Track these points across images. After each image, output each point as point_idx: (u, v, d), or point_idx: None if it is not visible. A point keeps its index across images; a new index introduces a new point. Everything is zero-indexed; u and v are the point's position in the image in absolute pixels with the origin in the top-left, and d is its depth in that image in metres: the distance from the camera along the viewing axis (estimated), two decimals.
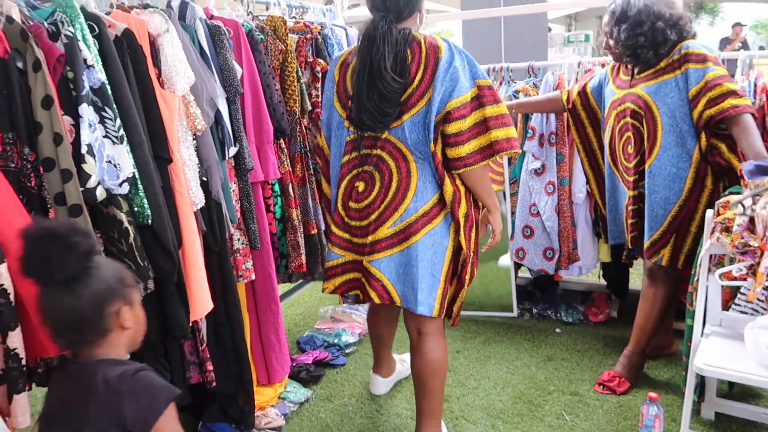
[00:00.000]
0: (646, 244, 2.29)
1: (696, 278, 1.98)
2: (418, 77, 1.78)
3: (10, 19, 1.45)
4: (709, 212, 1.96)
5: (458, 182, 1.87)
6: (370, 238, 1.89)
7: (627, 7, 2.22)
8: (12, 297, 1.41)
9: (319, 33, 2.67)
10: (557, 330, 3.05)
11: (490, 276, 3.19)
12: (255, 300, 2.43)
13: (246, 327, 2.33)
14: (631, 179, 2.34)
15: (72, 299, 1.19)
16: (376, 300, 1.90)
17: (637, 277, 3.44)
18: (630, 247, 2.49)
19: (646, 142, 2.24)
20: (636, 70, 2.32)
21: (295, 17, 2.87)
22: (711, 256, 1.96)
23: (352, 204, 1.93)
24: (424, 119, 1.79)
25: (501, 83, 3.19)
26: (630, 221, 2.41)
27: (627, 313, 3.05)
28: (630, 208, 2.38)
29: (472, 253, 1.94)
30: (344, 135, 1.94)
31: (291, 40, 2.46)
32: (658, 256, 2.28)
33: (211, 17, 2.15)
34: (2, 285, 1.38)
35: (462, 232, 1.88)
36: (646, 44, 2.20)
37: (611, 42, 2.30)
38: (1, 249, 1.38)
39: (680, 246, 2.26)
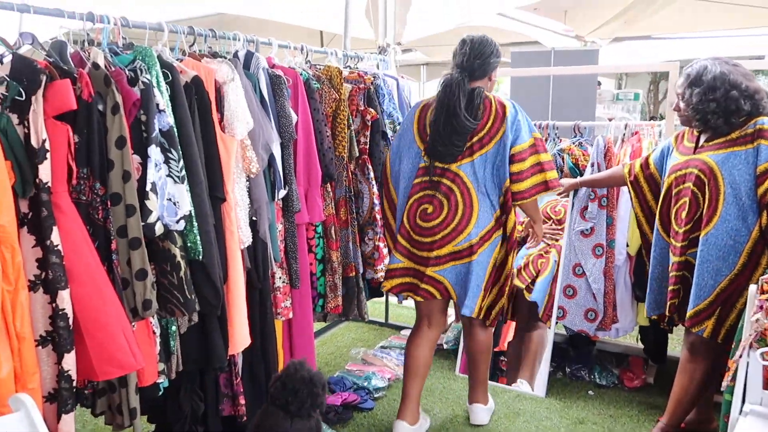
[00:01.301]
0: (690, 312, 2.23)
1: (738, 354, 1.94)
2: (488, 125, 2.26)
3: (96, 66, 1.59)
4: (752, 288, 1.93)
5: (513, 214, 2.34)
6: (435, 253, 2.31)
7: (703, 71, 2.21)
8: (71, 321, 1.51)
9: (371, 83, 2.78)
10: (590, 392, 2.99)
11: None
12: (290, 337, 2.49)
13: (279, 363, 2.39)
14: (678, 245, 2.30)
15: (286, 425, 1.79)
16: (437, 296, 2.36)
17: (677, 343, 3.35)
18: (668, 314, 2.43)
19: (705, 210, 2.20)
20: (703, 138, 2.30)
21: (349, 66, 3.01)
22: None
23: (419, 221, 2.33)
24: (494, 159, 2.26)
25: (546, 140, 3.24)
26: (672, 287, 2.35)
27: (664, 380, 2.97)
28: (673, 273, 2.33)
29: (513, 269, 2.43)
30: (419, 162, 2.36)
31: (345, 90, 2.58)
32: (701, 326, 2.22)
33: (273, 66, 2.29)
34: (63, 309, 1.49)
35: (513, 253, 2.37)
36: (717, 111, 2.18)
37: (682, 104, 2.29)
38: (66, 275, 1.49)
39: (724, 320, 2.19)
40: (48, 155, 1.45)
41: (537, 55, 5.41)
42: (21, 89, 1.43)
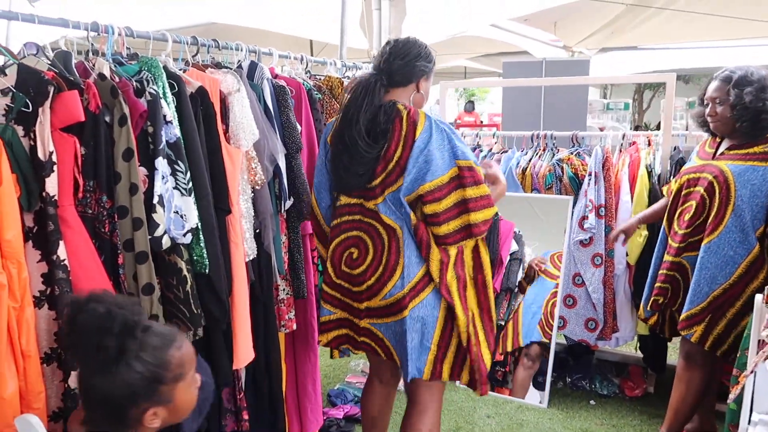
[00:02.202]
0: (683, 315, 2.26)
1: (742, 362, 1.95)
2: (396, 155, 1.76)
3: (102, 76, 1.56)
4: (758, 297, 1.94)
5: (452, 258, 1.80)
6: (365, 305, 1.85)
7: (747, 72, 2.16)
8: None
9: None
10: (591, 402, 2.98)
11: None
12: (294, 349, 2.46)
13: (283, 376, 2.35)
14: (675, 245, 2.31)
15: (104, 383, 1.09)
16: (382, 355, 1.88)
17: (674, 351, 3.37)
18: (650, 309, 2.44)
19: (712, 218, 2.19)
20: (725, 145, 2.27)
21: (348, 77, 3.00)
22: (759, 341, 1.93)
23: (345, 268, 1.87)
24: (410, 197, 1.77)
25: (545, 150, 3.25)
26: (660, 285, 2.38)
27: (664, 388, 2.98)
28: (664, 272, 2.36)
29: (474, 315, 1.83)
30: (336, 198, 1.91)
31: (346, 100, 2.56)
32: (690, 330, 2.25)
33: (276, 76, 2.27)
34: None
35: (455, 296, 1.79)
36: None
37: (719, 108, 2.20)
38: (73, 290, 1.45)
39: (713, 327, 2.21)
40: (55, 168, 1.42)
41: (528, 66, 5.45)
42: (27, 101, 1.39)
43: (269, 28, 5.41)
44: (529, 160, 3.22)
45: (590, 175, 2.93)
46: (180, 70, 1.90)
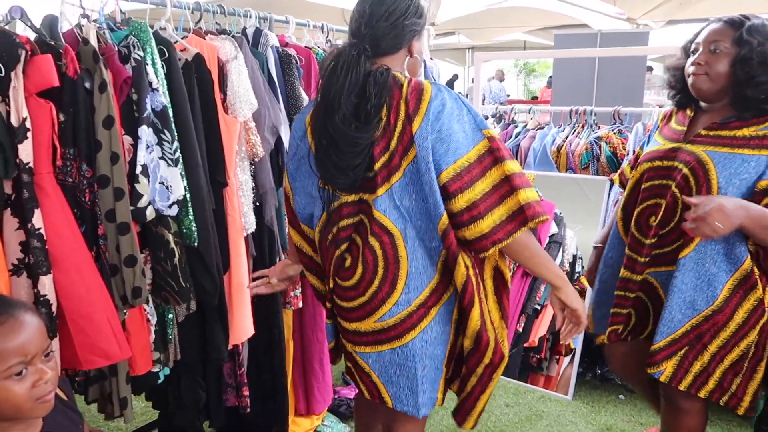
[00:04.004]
0: (651, 348, 1.69)
1: None
2: (398, 130, 1.34)
3: (85, 41, 1.52)
4: None
5: (469, 262, 1.39)
6: (354, 326, 1.45)
7: (765, 22, 1.59)
8: (54, 308, 1.45)
9: None
10: (621, 396, 2.80)
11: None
12: (301, 327, 2.41)
13: (289, 354, 2.31)
14: (641, 260, 1.73)
15: None
16: (366, 395, 1.51)
17: None
18: (608, 341, 1.85)
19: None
20: (703, 124, 1.68)
21: None
22: None
23: (338, 279, 1.46)
24: (419, 187, 1.34)
25: (583, 127, 3.03)
26: (619, 310, 1.81)
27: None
28: (624, 293, 1.78)
29: (492, 329, 1.45)
30: (324, 195, 1.47)
31: (322, 80, 2.45)
32: (657, 368, 1.68)
33: (286, 45, 2.18)
34: (45, 296, 1.43)
35: (476, 306, 1.39)
36: None
37: (712, 58, 1.59)
38: (48, 260, 1.43)
39: (690, 363, 1.66)
40: (29, 134, 1.39)
41: (581, 38, 5.14)
42: (0, 65, 1.36)
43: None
44: (566, 138, 3.02)
45: (629, 154, 2.70)
46: (181, 37, 1.85)
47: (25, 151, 1.39)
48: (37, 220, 1.41)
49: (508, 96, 13.16)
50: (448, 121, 1.33)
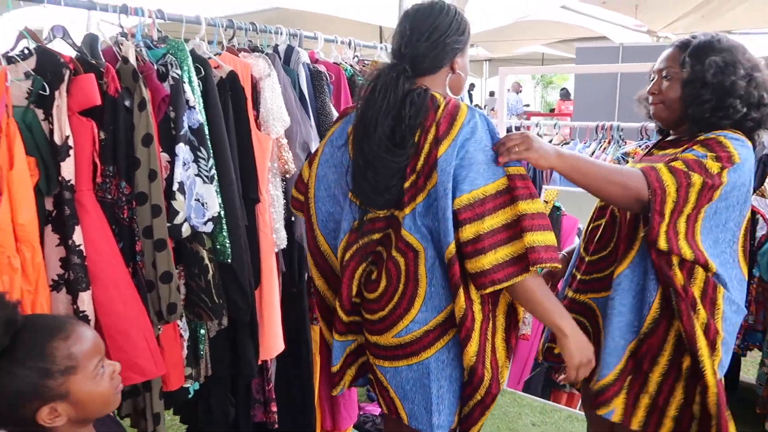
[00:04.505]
0: (597, 386, 1.51)
1: None
2: (425, 150, 1.32)
3: (125, 60, 1.54)
4: None
5: (475, 297, 1.35)
6: (374, 339, 1.44)
7: (713, 39, 1.48)
8: (92, 324, 1.46)
9: None
10: None
11: None
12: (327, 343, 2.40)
13: (316, 370, 2.30)
14: (578, 276, 1.65)
15: None
16: (384, 409, 1.50)
17: (752, 367, 3.05)
18: (541, 359, 1.78)
19: (623, 241, 1.51)
20: (655, 142, 1.65)
21: None
22: None
23: (364, 292, 1.45)
24: (437, 204, 1.31)
25: (609, 143, 3.01)
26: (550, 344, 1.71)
27: (737, 408, 2.70)
28: (571, 314, 1.58)
29: (491, 368, 1.39)
30: (355, 209, 1.45)
31: (361, 99, 2.46)
32: (607, 407, 1.50)
33: (316, 61, 2.20)
34: (84, 312, 1.44)
35: (473, 342, 1.34)
36: (741, 95, 1.45)
37: (664, 84, 1.52)
38: (87, 276, 1.44)
39: (637, 396, 1.49)
40: (71, 152, 1.41)
41: (603, 51, 5.12)
42: (45, 83, 1.38)
43: (336, 13, 5.36)
44: (592, 153, 3.00)
45: None
46: (215, 54, 1.87)
47: (67, 169, 1.41)
48: (78, 237, 1.43)
49: (527, 106, 13.13)
50: (474, 149, 1.30)
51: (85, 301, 1.44)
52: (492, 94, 12.50)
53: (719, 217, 1.41)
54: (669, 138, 1.59)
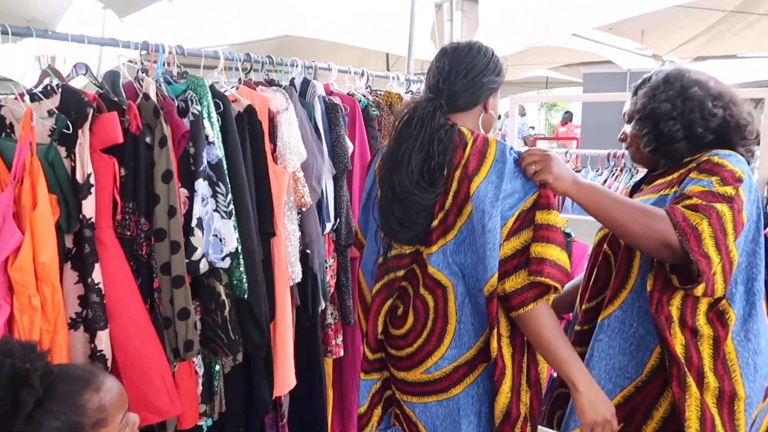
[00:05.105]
0: None
1: None
2: (453, 188, 1.33)
3: (146, 97, 1.55)
4: None
5: (504, 332, 1.33)
6: (401, 375, 1.43)
7: (654, 73, 1.48)
8: (109, 363, 1.45)
9: None
10: None
11: None
12: (341, 375, 2.38)
13: (329, 402, 2.27)
14: (577, 327, 1.55)
15: None
16: None
17: None
18: (553, 426, 1.63)
19: (612, 281, 1.43)
20: (644, 177, 1.58)
21: (411, 91, 2.90)
22: None
23: (390, 328, 1.45)
24: (475, 240, 1.31)
25: (622, 170, 3.01)
26: (561, 389, 1.57)
27: None
28: (558, 391, 1.57)
29: (523, 406, 1.36)
30: (382, 243, 1.45)
31: (400, 109, 2.47)
32: None
33: (330, 93, 2.21)
34: (102, 351, 1.43)
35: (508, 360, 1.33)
36: (672, 115, 1.38)
37: (627, 128, 1.51)
38: (106, 315, 1.43)
39: None
40: (92, 190, 1.41)
41: (611, 77, 5.16)
42: (68, 122, 1.39)
43: (344, 40, 5.42)
44: (604, 182, 2.99)
45: None
46: (232, 87, 1.88)
47: (89, 207, 1.40)
48: (97, 275, 1.42)
49: (532, 128, 13.16)
50: (512, 179, 1.31)
51: (103, 340, 1.43)
52: (499, 117, 12.56)
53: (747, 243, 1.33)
54: (656, 171, 1.50)
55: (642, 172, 2.98)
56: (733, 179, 1.28)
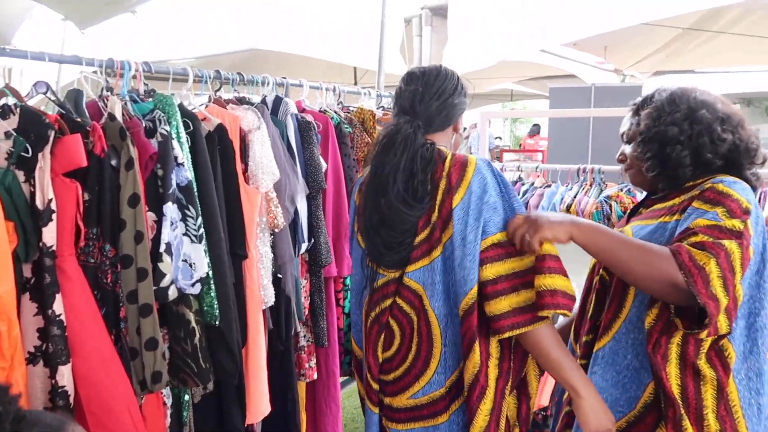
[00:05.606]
0: None
1: None
2: (438, 203, 1.33)
3: (112, 117, 1.48)
4: None
5: (494, 352, 1.31)
6: (387, 400, 1.40)
7: (656, 92, 1.41)
8: (71, 399, 1.36)
9: None
10: None
11: None
12: (314, 399, 2.32)
13: (302, 427, 2.21)
14: (580, 362, 1.44)
15: None
16: None
17: None
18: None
19: (605, 311, 1.38)
20: (647, 201, 1.47)
21: (383, 107, 2.88)
22: None
23: (380, 351, 1.40)
24: (453, 255, 1.30)
25: (591, 185, 3.04)
26: (567, 408, 1.45)
27: None
28: (566, 409, 1.45)
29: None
30: (369, 272, 1.44)
31: (378, 133, 2.44)
32: None
33: (303, 110, 2.17)
34: (63, 387, 1.34)
35: (487, 400, 1.28)
36: (679, 139, 1.31)
37: (628, 149, 1.44)
38: (68, 348, 1.35)
39: None
40: (54, 216, 1.33)
41: (576, 92, 5.25)
42: (27, 145, 1.31)
43: (312, 54, 5.38)
44: (574, 196, 3.01)
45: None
46: (201, 105, 1.82)
47: (49, 234, 1.33)
48: (58, 306, 1.34)
49: (498, 139, 13.31)
50: (495, 194, 1.30)
51: (65, 375, 1.35)
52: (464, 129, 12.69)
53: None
54: (655, 196, 1.41)
55: (612, 185, 3.02)
56: (741, 211, 1.20)
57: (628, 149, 1.42)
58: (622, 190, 2.92)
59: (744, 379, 1.24)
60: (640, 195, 2.81)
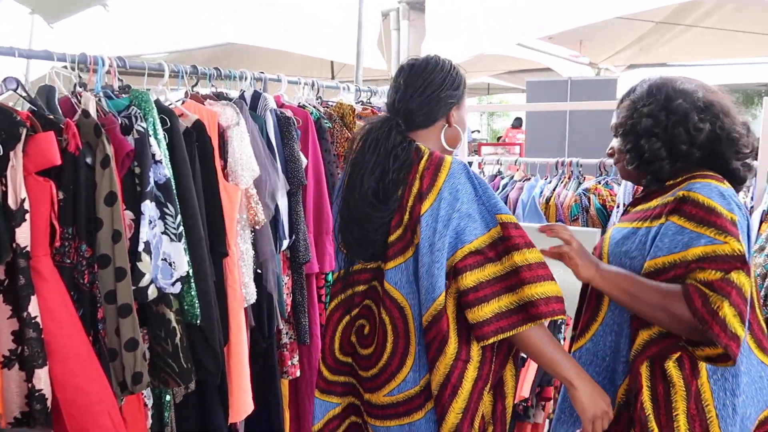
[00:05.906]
0: None
1: None
2: (410, 205, 1.30)
3: (86, 113, 1.44)
4: None
5: (475, 356, 1.29)
6: (366, 396, 1.39)
7: (638, 84, 1.38)
8: (49, 402, 1.33)
9: None
10: None
11: None
12: (297, 396, 2.30)
13: (285, 425, 2.19)
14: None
15: None
16: None
17: None
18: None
19: (583, 313, 1.41)
20: (637, 197, 1.44)
21: (362, 101, 2.86)
22: None
23: (354, 341, 1.42)
24: (429, 263, 1.27)
25: (570, 178, 3.06)
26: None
27: None
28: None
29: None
30: (342, 258, 1.45)
31: (358, 128, 2.43)
32: None
33: (282, 105, 2.14)
34: (40, 390, 1.31)
35: (459, 404, 1.28)
36: (653, 130, 1.29)
37: (615, 143, 1.41)
38: (44, 351, 1.32)
39: None
40: (27, 216, 1.29)
41: (553, 86, 5.28)
42: None
43: (288, 48, 5.33)
44: (554, 189, 3.04)
45: (619, 207, 2.73)
46: (178, 101, 1.79)
47: (23, 235, 1.29)
48: (33, 308, 1.31)
49: (476, 132, 13.38)
50: (468, 201, 1.28)
51: (42, 378, 1.31)
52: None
53: None
54: (639, 194, 1.42)
55: (590, 178, 3.05)
56: (731, 224, 1.17)
57: (616, 143, 1.40)
58: (600, 183, 2.95)
59: (720, 380, 1.24)
60: (618, 187, 2.85)
